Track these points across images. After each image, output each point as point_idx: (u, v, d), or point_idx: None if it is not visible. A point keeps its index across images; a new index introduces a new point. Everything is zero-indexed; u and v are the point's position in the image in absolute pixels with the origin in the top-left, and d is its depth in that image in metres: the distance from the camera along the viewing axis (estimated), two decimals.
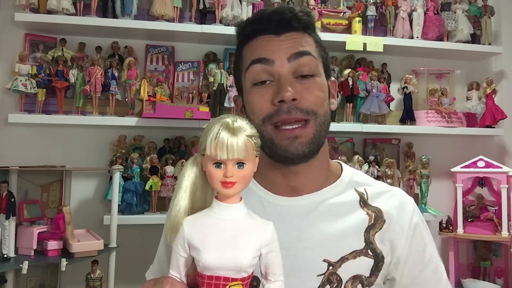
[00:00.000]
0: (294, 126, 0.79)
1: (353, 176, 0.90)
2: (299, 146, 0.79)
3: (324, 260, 0.79)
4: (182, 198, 0.64)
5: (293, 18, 0.81)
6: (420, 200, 2.17)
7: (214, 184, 0.62)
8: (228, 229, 0.62)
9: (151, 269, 1.01)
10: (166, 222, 0.64)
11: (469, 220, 2.11)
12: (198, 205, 0.65)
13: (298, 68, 0.80)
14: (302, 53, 0.80)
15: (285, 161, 0.81)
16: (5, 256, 1.53)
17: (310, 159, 0.82)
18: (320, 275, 0.79)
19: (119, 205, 1.79)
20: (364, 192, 0.86)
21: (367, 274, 0.81)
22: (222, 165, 0.61)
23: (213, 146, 0.60)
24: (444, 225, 2.14)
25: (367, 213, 0.84)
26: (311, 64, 0.81)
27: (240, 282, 0.60)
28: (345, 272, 0.79)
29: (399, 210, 0.85)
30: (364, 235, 0.82)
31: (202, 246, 0.60)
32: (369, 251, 0.81)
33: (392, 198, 0.87)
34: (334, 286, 0.79)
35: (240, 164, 0.61)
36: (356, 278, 0.80)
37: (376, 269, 0.81)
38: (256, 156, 0.64)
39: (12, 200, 1.55)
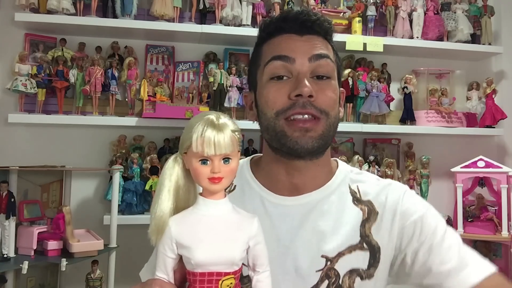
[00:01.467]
0: (306, 118, 0.81)
1: (348, 173, 0.92)
2: (309, 140, 0.81)
3: (322, 256, 0.82)
4: (166, 198, 0.64)
5: (316, 22, 0.85)
6: None
7: (201, 181, 0.63)
8: (216, 225, 0.63)
9: (146, 268, 0.99)
10: (150, 224, 0.64)
11: (469, 220, 2.11)
12: (181, 204, 0.65)
13: (317, 69, 0.83)
14: (322, 55, 0.83)
15: (293, 153, 0.82)
16: (5, 256, 1.53)
17: (316, 156, 0.84)
18: (319, 270, 0.81)
19: (119, 205, 1.79)
20: (357, 190, 0.89)
21: (365, 267, 0.83)
22: (208, 162, 0.62)
23: (199, 143, 0.61)
24: None
25: (361, 208, 0.87)
26: (329, 67, 0.84)
27: (233, 276, 0.61)
28: (342, 266, 0.82)
29: (389, 199, 0.87)
30: (360, 230, 0.85)
31: (193, 243, 0.61)
32: (364, 244, 0.84)
33: (382, 190, 0.89)
34: (332, 281, 0.81)
35: (226, 159, 0.62)
36: (353, 272, 0.82)
37: (374, 260, 0.83)
38: (238, 151, 0.65)
39: (12, 200, 1.55)
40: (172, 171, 0.65)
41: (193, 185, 0.66)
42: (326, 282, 0.81)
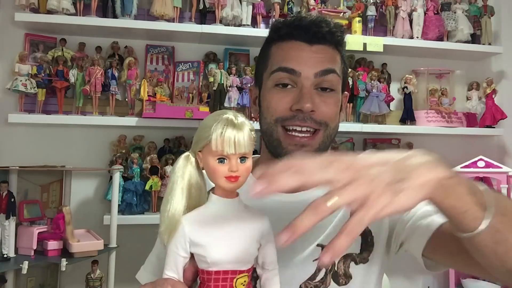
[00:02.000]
0: (303, 135, 0.84)
1: None
2: (304, 155, 0.83)
3: (318, 245, 0.84)
4: (180, 197, 0.64)
5: (328, 32, 0.86)
6: None
7: (218, 179, 0.62)
8: (231, 223, 0.63)
9: (143, 270, 0.99)
10: (162, 223, 0.63)
11: None
12: (192, 202, 0.65)
13: (321, 82, 0.85)
14: (329, 71, 0.85)
15: None
16: (5, 256, 1.53)
17: None
18: (316, 259, 0.83)
19: (119, 205, 1.79)
20: None
21: (358, 251, 0.85)
22: (225, 160, 0.62)
23: (219, 142, 0.61)
24: None
25: None
26: (334, 81, 0.86)
27: (246, 274, 0.62)
28: None
29: None
30: (350, 215, 0.86)
31: (208, 242, 0.61)
32: None
33: None
34: (329, 268, 0.83)
35: (243, 158, 0.63)
36: (347, 257, 0.84)
37: (366, 244, 0.85)
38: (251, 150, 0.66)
39: (12, 200, 1.55)
40: (184, 169, 0.65)
41: (204, 184, 0.66)
42: (324, 270, 0.83)
